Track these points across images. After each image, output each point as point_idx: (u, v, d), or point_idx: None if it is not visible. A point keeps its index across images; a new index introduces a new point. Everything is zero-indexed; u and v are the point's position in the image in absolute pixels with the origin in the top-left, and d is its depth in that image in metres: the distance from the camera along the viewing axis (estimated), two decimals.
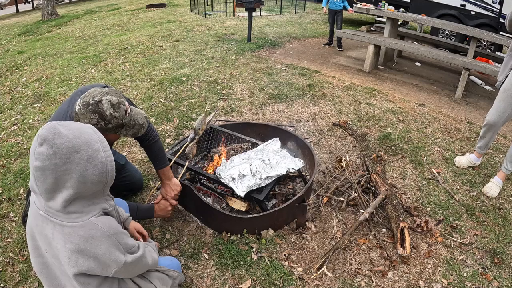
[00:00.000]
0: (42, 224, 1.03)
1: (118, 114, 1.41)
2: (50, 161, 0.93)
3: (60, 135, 0.95)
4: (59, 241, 1.01)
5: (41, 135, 0.94)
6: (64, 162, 0.94)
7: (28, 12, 13.09)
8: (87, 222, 1.02)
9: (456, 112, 3.92)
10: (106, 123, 1.39)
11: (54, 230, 1.01)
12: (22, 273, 1.85)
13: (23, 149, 3.03)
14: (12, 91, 4.50)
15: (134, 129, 1.52)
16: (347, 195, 2.32)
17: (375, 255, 1.99)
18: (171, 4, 11.02)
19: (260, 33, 6.89)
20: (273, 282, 1.79)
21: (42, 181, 0.96)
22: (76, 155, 0.95)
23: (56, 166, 0.94)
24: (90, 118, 1.36)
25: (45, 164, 0.93)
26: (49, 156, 0.93)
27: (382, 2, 5.68)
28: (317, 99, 3.84)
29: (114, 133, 1.49)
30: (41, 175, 0.95)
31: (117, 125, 1.43)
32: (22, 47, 6.88)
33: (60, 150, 0.94)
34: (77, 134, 0.98)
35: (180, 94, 3.89)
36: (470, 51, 4.88)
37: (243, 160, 2.16)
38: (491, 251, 2.04)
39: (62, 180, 0.96)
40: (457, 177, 2.69)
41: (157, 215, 1.98)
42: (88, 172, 0.97)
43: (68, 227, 1.00)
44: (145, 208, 1.95)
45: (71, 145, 0.95)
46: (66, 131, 0.96)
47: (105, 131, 1.41)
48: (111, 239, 1.04)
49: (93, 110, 1.36)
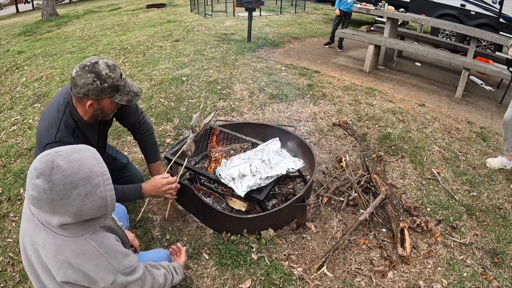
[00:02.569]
0: (35, 230, 1.02)
1: (114, 75, 1.44)
2: (46, 195, 0.91)
3: (57, 170, 0.91)
4: (50, 251, 0.99)
5: (37, 168, 0.91)
6: (60, 198, 0.91)
7: (28, 12, 13.09)
8: (80, 239, 1.01)
9: (456, 112, 3.92)
10: (101, 82, 1.40)
11: (46, 239, 1.00)
12: (22, 273, 1.85)
13: (23, 149, 3.03)
14: (12, 91, 4.50)
15: (129, 95, 1.53)
16: (347, 195, 2.32)
17: (375, 255, 1.99)
18: (171, 4, 11.02)
19: (260, 33, 6.89)
20: (273, 282, 1.79)
21: (39, 208, 0.95)
22: (73, 191, 0.92)
23: (53, 201, 0.91)
24: (86, 77, 1.38)
25: (41, 197, 0.91)
26: (45, 190, 0.90)
27: (382, 2, 5.68)
28: (317, 99, 3.84)
29: (109, 99, 1.48)
30: (38, 204, 0.93)
31: (112, 85, 1.44)
32: (22, 47, 6.88)
33: (57, 186, 0.90)
34: (76, 168, 0.93)
35: (180, 94, 3.89)
36: (470, 51, 4.88)
37: (243, 160, 2.16)
38: (491, 251, 2.04)
39: (58, 212, 0.94)
40: (457, 177, 2.69)
41: (148, 194, 1.72)
42: (85, 207, 0.95)
43: (61, 239, 0.99)
44: (132, 188, 1.71)
45: (69, 181, 0.91)
46: (65, 164, 0.92)
47: (101, 92, 1.43)
48: (101, 258, 1.02)
49: (89, 70, 1.39)
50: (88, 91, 1.41)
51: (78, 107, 1.53)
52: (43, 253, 1.01)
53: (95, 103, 1.47)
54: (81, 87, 1.40)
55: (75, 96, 1.48)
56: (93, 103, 1.47)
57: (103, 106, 1.51)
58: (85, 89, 1.40)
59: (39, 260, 1.04)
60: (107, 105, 1.51)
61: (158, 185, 1.71)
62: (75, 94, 1.45)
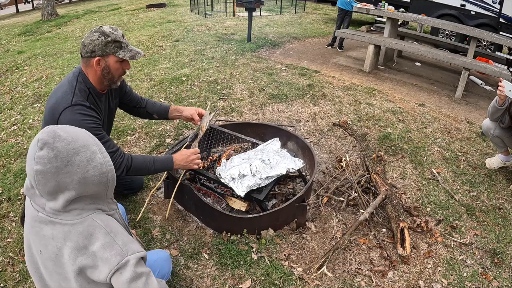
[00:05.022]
0: (40, 225, 1.03)
1: (116, 32, 1.65)
2: (51, 164, 0.93)
3: (59, 138, 0.95)
4: (60, 240, 1.00)
5: (41, 139, 0.95)
6: (65, 165, 0.95)
7: (28, 12, 13.09)
8: (86, 219, 1.02)
9: (456, 112, 3.92)
10: (105, 37, 1.60)
11: (53, 229, 1.01)
12: (22, 273, 1.85)
13: (23, 149, 3.03)
14: (12, 91, 4.50)
15: (132, 52, 1.69)
16: (347, 195, 2.32)
17: (375, 255, 1.99)
18: (171, 4, 11.01)
19: (260, 33, 6.89)
20: (273, 282, 1.79)
21: (43, 184, 0.96)
22: (76, 157, 0.96)
23: (58, 169, 0.94)
24: (93, 36, 1.60)
25: (46, 168, 0.93)
26: (51, 159, 0.93)
27: (382, 2, 5.68)
28: (317, 99, 3.84)
29: (114, 55, 1.64)
30: (43, 179, 0.95)
31: (115, 41, 1.63)
32: (22, 47, 6.88)
33: (61, 153, 0.94)
34: (75, 137, 0.98)
35: (180, 94, 3.89)
36: (470, 51, 4.88)
37: (243, 160, 2.16)
38: (491, 251, 2.04)
39: (63, 183, 0.96)
40: (457, 177, 2.69)
41: (178, 165, 1.88)
42: (88, 174, 0.98)
43: (68, 225, 1.00)
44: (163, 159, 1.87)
45: (71, 148, 0.96)
46: (65, 134, 0.97)
47: (105, 47, 1.61)
48: (108, 237, 1.01)
49: (95, 30, 1.62)
50: (94, 46, 1.60)
51: (88, 72, 1.69)
52: (54, 244, 1.01)
53: (102, 60, 1.64)
54: (88, 45, 1.60)
55: (83, 60, 1.66)
56: (100, 60, 1.64)
57: (109, 64, 1.66)
58: (92, 46, 1.60)
59: (49, 256, 1.03)
60: (112, 63, 1.67)
61: (188, 154, 1.90)
62: (84, 56, 1.64)
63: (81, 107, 1.61)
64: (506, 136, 2.58)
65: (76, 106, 1.60)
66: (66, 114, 1.58)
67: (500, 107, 2.39)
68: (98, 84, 1.72)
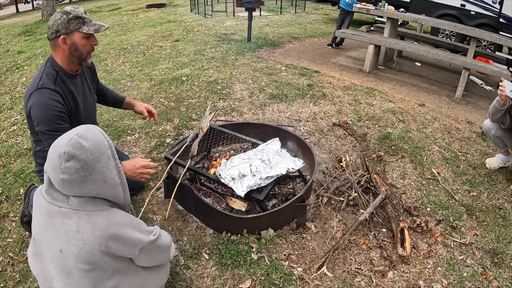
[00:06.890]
0: (63, 220, 1.10)
1: (78, 10, 1.68)
2: (78, 174, 1.04)
3: (84, 150, 1.05)
4: (87, 230, 1.09)
5: (67, 152, 1.03)
6: (90, 173, 1.06)
7: (28, 12, 13.09)
8: (112, 210, 1.15)
9: (456, 112, 3.92)
10: (67, 14, 1.64)
11: (79, 221, 1.09)
12: (22, 273, 1.84)
13: (23, 149, 3.03)
14: (12, 91, 4.50)
15: (95, 26, 1.71)
16: (347, 195, 2.32)
17: (375, 255, 1.99)
18: (171, 4, 11.01)
19: (260, 33, 6.89)
20: (273, 282, 1.79)
21: (69, 190, 1.07)
22: (97, 165, 1.07)
23: (84, 178, 1.05)
24: (55, 16, 1.65)
25: (73, 177, 1.04)
26: (77, 170, 1.03)
27: (382, 2, 5.68)
28: (317, 99, 3.84)
29: (78, 31, 1.66)
30: (68, 186, 1.05)
31: (77, 17, 1.65)
32: (22, 47, 6.88)
33: (86, 164, 1.05)
34: (95, 144, 1.08)
35: (180, 94, 3.89)
36: (470, 51, 4.88)
37: (243, 160, 2.16)
38: (491, 251, 2.04)
39: (88, 189, 1.08)
40: (457, 177, 2.69)
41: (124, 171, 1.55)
42: (107, 177, 1.11)
43: (96, 214, 1.10)
44: None
45: (94, 157, 1.07)
46: (88, 143, 1.06)
47: (68, 24, 1.64)
48: (133, 223, 1.19)
49: (57, 12, 1.68)
50: (58, 26, 1.63)
51: (57, 54, 1.72)
52: (79, 237, 1.09)
53: (67, 38, 1.66)
54: (52, 26, 1.64)
55: (51, 43, 1.69)
56: (66, 38, 1.66)
57: (75, 41, 1.68)
58: (55, 26, 1.63)
59: (71, 252, 1.10)
60: (78, 40, 1.68)
61: (136, 166, 1.70)
62: (50, 39, 1.67)
63: (46, 90, 1.66)
64: (507, 137, 2.58)
65: (41, 89, 1.65)
66: (33, 98, 1.64)
67: (501, 108, 2.39)
68: (67, 65, 1.74)
